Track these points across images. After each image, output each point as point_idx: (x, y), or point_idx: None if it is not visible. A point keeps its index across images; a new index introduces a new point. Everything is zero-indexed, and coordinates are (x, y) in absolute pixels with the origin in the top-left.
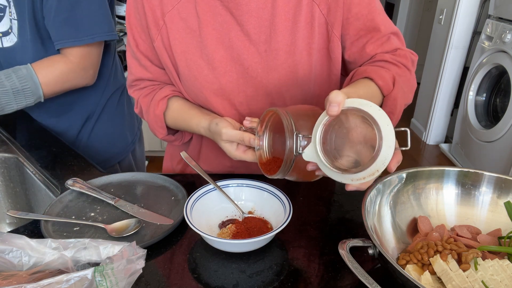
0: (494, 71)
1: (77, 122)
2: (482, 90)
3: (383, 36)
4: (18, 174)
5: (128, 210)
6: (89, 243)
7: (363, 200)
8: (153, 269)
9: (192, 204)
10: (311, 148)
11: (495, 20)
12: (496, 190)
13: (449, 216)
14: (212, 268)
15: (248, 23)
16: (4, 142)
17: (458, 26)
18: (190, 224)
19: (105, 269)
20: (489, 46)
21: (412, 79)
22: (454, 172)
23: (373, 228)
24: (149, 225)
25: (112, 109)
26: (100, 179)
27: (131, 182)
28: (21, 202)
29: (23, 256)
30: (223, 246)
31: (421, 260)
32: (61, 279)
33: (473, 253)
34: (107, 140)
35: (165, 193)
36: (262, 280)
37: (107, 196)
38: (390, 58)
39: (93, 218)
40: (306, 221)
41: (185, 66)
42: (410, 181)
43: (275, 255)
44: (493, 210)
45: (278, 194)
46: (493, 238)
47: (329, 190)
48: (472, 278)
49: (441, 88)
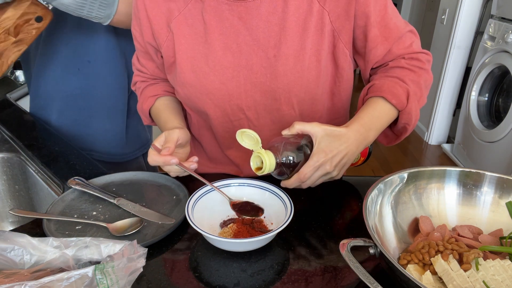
0: (497, 71)
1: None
2: (484, 90)
3: (399, 38)
4: (21, 173)
5: (129, 209)
6: (90, 242)
7: (364, 200)
8: (155, 268)
9: (194, 203)
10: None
11: (498, 20)
12: (497, 190)
13: (450, 216)
14: (213, 267)
15: (257, 27)
16: (7, 141)
17: (460, 26)
18: (192, 223)
19: (106, 267)
20: (492, 46)
21: (429, 77)
22: (455, 172)
23: (374, 228)
24: (151, 224)
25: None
26: (102, 178)
27: (132, 181)
28: (24, 201)
29: (25, 254)
30: (224, 245)
31: (422, 260)
32: (61, 277)
33: (474, 253)
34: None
35: (167, 192)
36: (263, 280)
37: (109, 195)
38: (406, 64)
39: (95, 217)
40: (307, 221)
41: (191, 71)
42: (412, 181)
43: (276, 254)
44: (494, 210)
45: (279, 194)
46: (494, 238)
47: (330, 190)
48: (473, 278)
49: (443, 88)
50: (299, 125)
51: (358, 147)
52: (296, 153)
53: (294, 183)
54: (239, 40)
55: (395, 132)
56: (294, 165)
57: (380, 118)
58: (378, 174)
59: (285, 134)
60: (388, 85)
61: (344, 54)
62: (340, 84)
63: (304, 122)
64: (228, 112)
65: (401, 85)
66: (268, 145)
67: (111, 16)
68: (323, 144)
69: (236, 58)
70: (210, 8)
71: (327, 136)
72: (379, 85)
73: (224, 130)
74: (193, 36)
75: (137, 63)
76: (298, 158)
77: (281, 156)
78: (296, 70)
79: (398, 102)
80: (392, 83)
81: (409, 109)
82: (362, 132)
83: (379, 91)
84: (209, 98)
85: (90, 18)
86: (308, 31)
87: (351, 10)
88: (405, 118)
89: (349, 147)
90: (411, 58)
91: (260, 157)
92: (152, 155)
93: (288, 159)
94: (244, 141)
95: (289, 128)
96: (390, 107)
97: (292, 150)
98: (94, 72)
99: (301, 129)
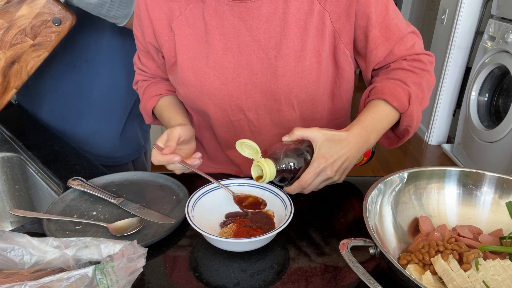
0: (497, 71)
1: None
2: (484, 90)
3: (400, 39)
4: (21, 173)
5: (129, 209)
6: (90, 242)
7: (364, 200)
8: (155, 268)
9: (194, 203)
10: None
11: (498, 20)
12: (497, 190)
13: (450, 216)
14: (213, 267)
15: (258, 28)
16: (7, 141)
17: (460, 26)
18: (192, 223)
19: (106, 267)
20: (492, 46)
21: (431, 79)
22: (455, 172)
23: (374, 228)
24: (151, 224)
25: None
26: (102, 178)
27: (133, 181)
28: (24, 200)
29: (25, 254)
30: (224, 245)
31: (422, 260)
32: (61, 277)
33: (474, 253)
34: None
35: (167, 192)
36: (263, 280)
37: (109, 195)
38: (408, 65)
39: (95, 217)
40: (307, 221)
41: (191, 72)
42: (412, 181)
43: (276, 254)
44: (494, 210)
45: (279, 194)
46: (494, 238)
47: (330, 190)
48: (473, 278)
49: (444, 88)
50: (299, 131)
51: (359, 151)
52: (296, 159)
53: (295, 190)
54: (240, 41)
55: (397, 135)
56: (295, 171)
57: (382, 120)
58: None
59: (285, 140)
60: (390, 87)
61: (345, 54)
62: (340, 85)
63: (304, 128)
64: (229, 112)
65: (403, 87)
66: (268, 153)
67: (128, 16)
68: (323, 150)
69: (237, 58)
70: (211, 9)
71: (328, 141)
72: (380, 87)
73: (225, 130)
74: (194, 36)
75: (139, 62)
76: (299, 164)
77: (281, 163)
78: (296, 71)
79: (399, 105)
80: (393, 85)
81: (410, 111)
82: (363, 135)
83: (380, 93)
84: (209, 98)
85: (108, 18)
86: (309, 32)
87: (351, 10)
88: (406, 120)
89: (350, 151)
90: (413, 60)
91: (260, 166)
92: (155, 155)
93: (289, 165)
94: (244, 151)
95: (289, 135)
96: (392, 109)
97: (292, 156)
98: (91, 72)
99: (301, 135)
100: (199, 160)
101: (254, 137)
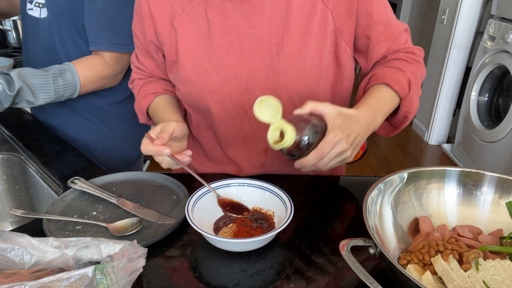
0: (497, 71)
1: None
2: (484, 90)
3: (397, 35)
4: (21, 173)
5: (129, 209)
6: (90, 242)
7: (364, 200)
8: (155, 268)
9: (194, 203)
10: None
11: (498, 20)
12: (497, 190)
13: (450, 216)
14: (213, 267)
15: (260, 25)
16: (7, 141)
17: (460, 26)
18: (192, 223)
19: (106, 267)
20: (492, 46)
21: (424, 71)
22: (455, 172)
23: (374, 228)
24: (151, 224)
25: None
26: (102, 178)
27: (133, 181)
28: (24, 201)
29: (25, 254)
30: (224, 245)
31: (422, 260)
32: (61, 277)
33: (474, 253)
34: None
35: (167, 192)
36: (263, 280)
37: (109, 195)
38: (404, 56)
39: (95, 217)
40: (307, 221)
41: (193, 69)
42: (412, 181)
43: (276, 254)
44: (494, 210)
45: (279, 194)
46: (494, 238)
47: (330, 190)
48: (473, 278)
49: (444, 88)
50: (311, 103)
51: (368, 129)
52: (311, 130)
53: (312, 160)
54: (242, 38)
55: (393, 124)
56: (308, 145)
57: (386, 102)
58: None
59: (297, 113)
60: (390, 73)
61: (346, 52)
62: (341, 82)
63: (317, 101)
64: (230, 109)
65: (402, 74)
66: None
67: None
68: (337, 122)
69: (239, 56)
70: (214, 6)
71: (340, 115)
72: (380, 73)
73: (225, 128)
74: (196, 33)
75: (136, 61)
76: (313, 136)
77: (297, 133)
78: (298, 68)
79: (401, 89)
80: (393, 71)
81: (411, 96)
82: (371, 113)
83: (382, 78)
84: (210, 95)
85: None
86: (311, 30)
87: (353, 8)
88: (406, 106)
89: (361, 127)
90: (407, 52)
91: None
92: (145, 144)
93: (305, 135)
94: (262, 112)
95: (302, 107)
96: (393, 93)
97: (307, 128)
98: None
99: (314, 107)
100: (189, 157)
101: (254, 135)
